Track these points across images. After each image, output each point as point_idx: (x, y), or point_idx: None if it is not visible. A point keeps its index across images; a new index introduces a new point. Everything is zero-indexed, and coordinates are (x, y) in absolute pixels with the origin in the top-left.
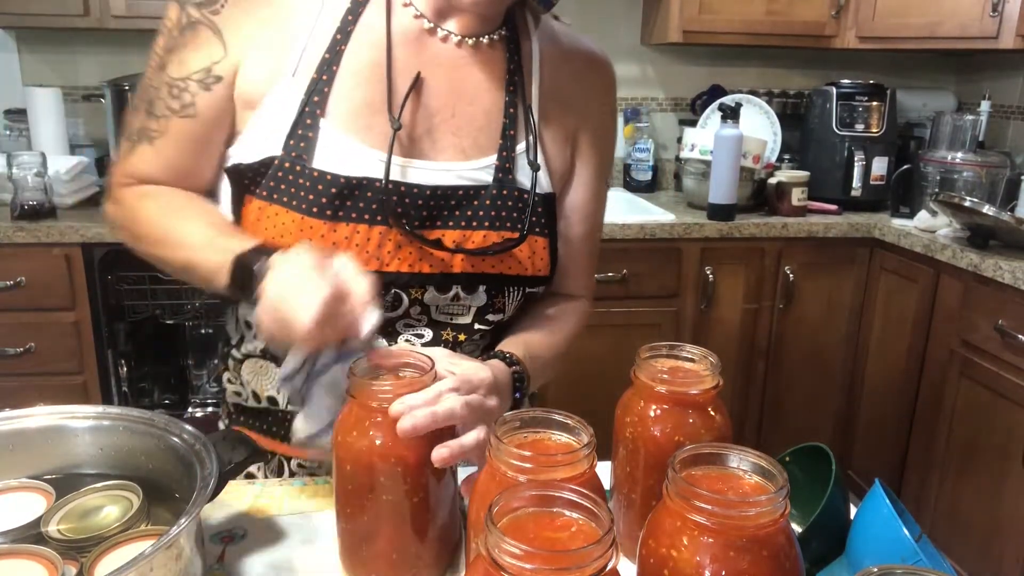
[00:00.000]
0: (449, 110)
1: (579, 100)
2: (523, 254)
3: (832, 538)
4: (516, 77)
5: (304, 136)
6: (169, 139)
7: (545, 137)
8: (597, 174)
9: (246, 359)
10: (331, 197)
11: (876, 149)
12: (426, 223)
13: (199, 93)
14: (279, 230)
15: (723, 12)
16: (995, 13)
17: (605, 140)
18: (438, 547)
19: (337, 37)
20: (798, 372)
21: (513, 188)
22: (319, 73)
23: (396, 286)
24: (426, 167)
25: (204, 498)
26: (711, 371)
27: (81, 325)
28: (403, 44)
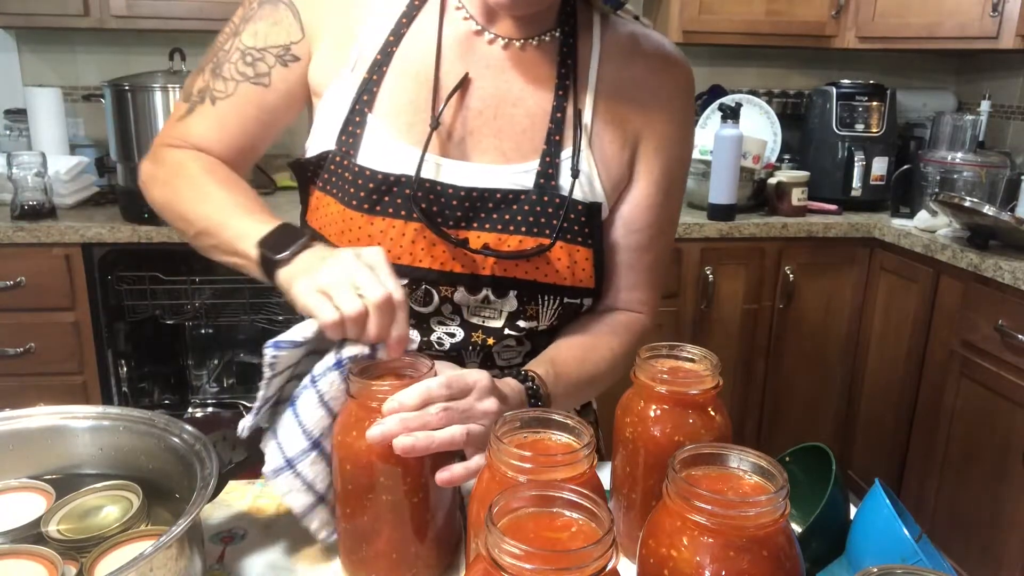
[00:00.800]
0: (492, 112)
1: (644, 103)
2: (560, 263)
3: (832, 538)
4: (568, 80)
5: (353, 132)
6: (235, 101)
7: (600, 142)
8: (659, 182)
9: None
10: (369, 192)
11: (876, 149)
12: (460, 223)
13: (276, 66)
14: (328, 219)
15: (723, 12)
16: (995, 13)
17: (672, 147)
18: (438, 547)
19: (390, 39)
20: (798, 372)
21: (555, 195)
22: (370, 73)
23: (426, 282)
24: (464, 168)
25: (204, 498)
26: (711, 371)
27: (81, 325)
28: (453, 47)
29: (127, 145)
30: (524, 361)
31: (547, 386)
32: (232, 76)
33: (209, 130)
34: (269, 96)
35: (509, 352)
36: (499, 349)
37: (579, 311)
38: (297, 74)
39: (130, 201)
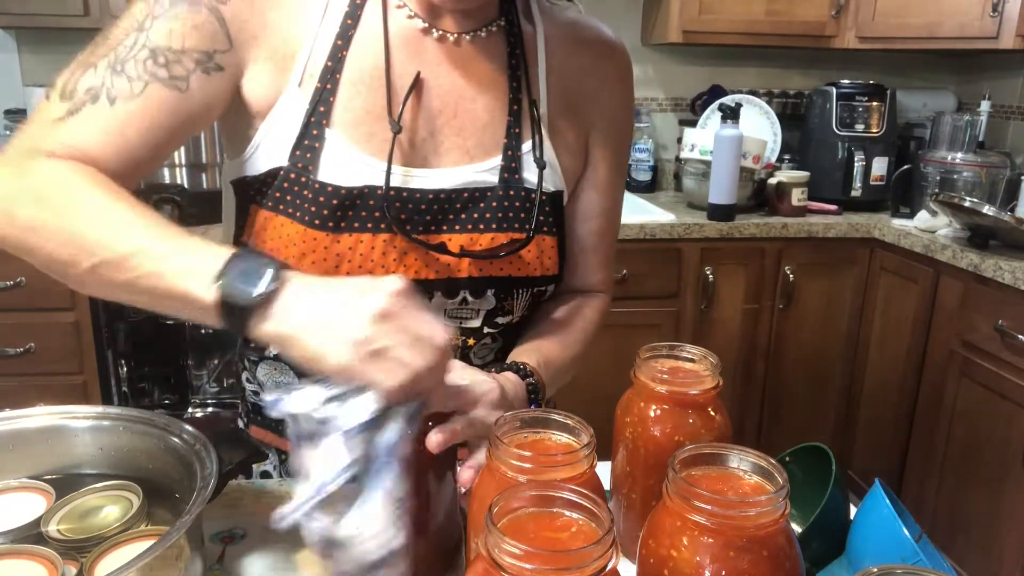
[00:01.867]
0: (451, 110)
1: (592, 90)
2: (531, 255)
3: (832, 538)
4: (519, 71)
5: (310, 147)
6: (140, 104)
7: (555, 131)
8: (613, 167)
9: (262, 360)
10: (332, 209)
11: (876, 149)
12: (431, 228)
13: (196, 72)
14: (283, 241)
15: (723, 12)
16: (995, 13)
17: (620, 131)
18: (437, 547)
19: (338, 43)
20: (798, 372)
21: (520, 188)
22: (323, 82)
23: None
24: (429, 172)
25: (204, 498)
26: (711, 371)
27: (81, 325)
28: (402, 47)
29: None
30: (496, 357)
31: (541, 377)
32: (139, 75)
33: (101, 135)
34: (184, 103)
35: (483, 350)
36: (476, 348)
37: (543, 297)
38: (218, 86)
39: None
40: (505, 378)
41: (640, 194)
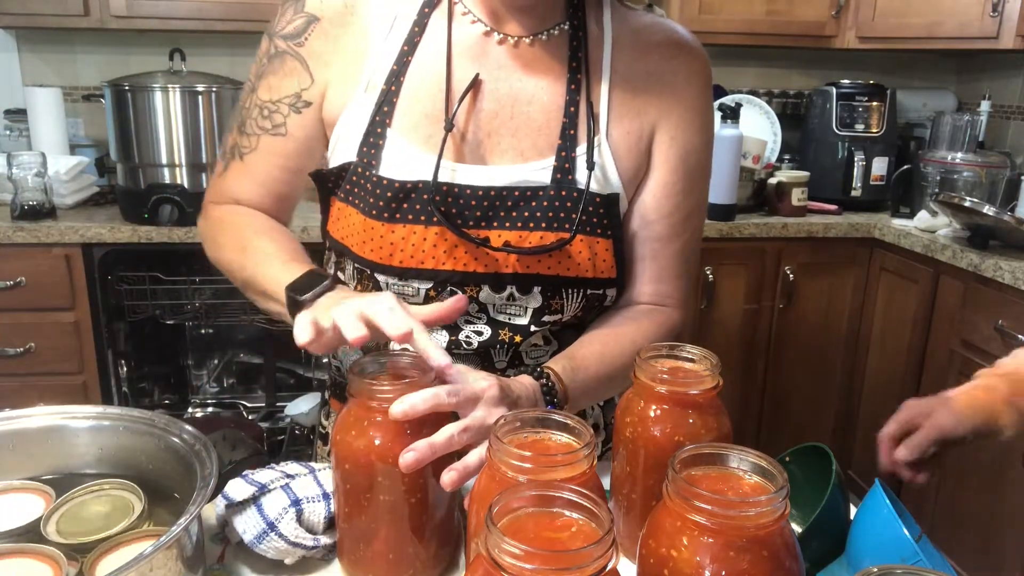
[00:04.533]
0: (508, 112)
1: (658, 92)
2: (582, 256)
3: (832, 538)
4: (579, 74)
5: (374, 144)
6: (260, 155)
7: (615, 132)
8: (678, 170)
9: None
10: (388, 200)
11: (876, 149)
12: (481, 223)
13: (290, 115)
14: (351, 229)
15: (723, 12)
16: (995, 13)
17: (690, 135)
18: (436, 547)
19: (404, 49)
20: (798, 372)
21: (572, 189)
22: (388, 84)
23: (451, 284)
24: (481, 169)
25: (204, 498)
26: (711, 371)
27: (81, 325)
28: (464, 51)
29: (127, 145)
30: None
31: (563, 382)
32: (254, 131)
33: (243, 184)
34: (289, 144)
35: (537, 351)
36: (526, 348)
37: (602, 302)
38: (312, 118)
39: (130, 201)
40: (514, 380)
41: None
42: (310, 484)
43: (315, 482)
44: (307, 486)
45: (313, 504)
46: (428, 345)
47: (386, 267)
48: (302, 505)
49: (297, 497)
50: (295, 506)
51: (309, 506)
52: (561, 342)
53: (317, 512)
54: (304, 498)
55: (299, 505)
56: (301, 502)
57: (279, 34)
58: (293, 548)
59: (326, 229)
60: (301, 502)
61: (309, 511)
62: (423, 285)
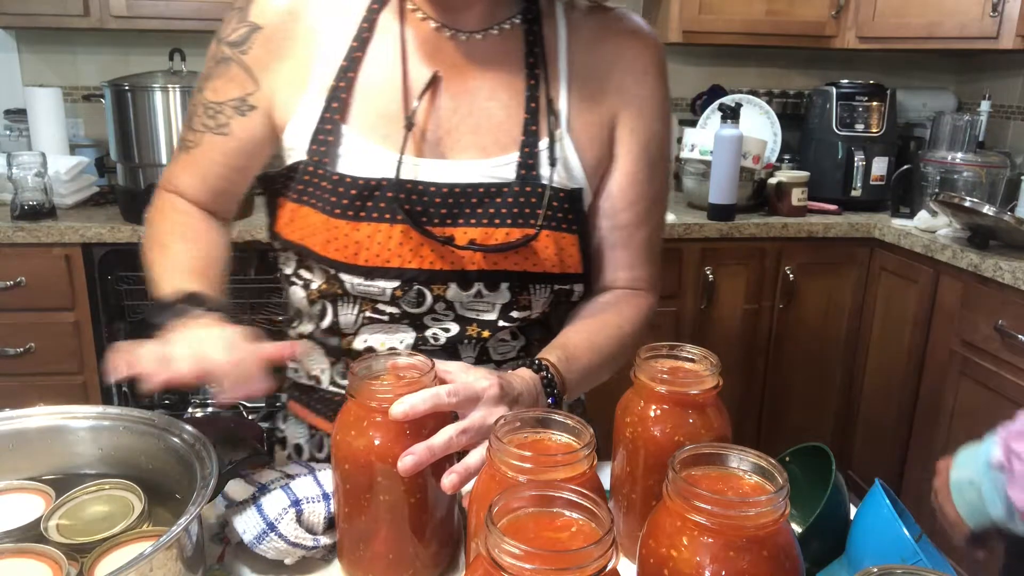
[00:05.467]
0: (467, 109)
1: (617, 82)
2: (548, 251)
3: (832, 538)
4: (537, 69)
5: (325, 141)
6: (203, 151)
7: (576, 126)
8: (641, 159)
9: (299, 339)
10: (351, 198)
11: (876, 149)
12: (446, 220)
13: (234, 117)
14: (310, 229)
15: (723, 12)
16: (995, 13)
17: (650, 122)
18: (436, 547)
19: (354, 45)
20: (798, 372)
21: (536, 184)
22: (337, 81)
23: (418, 282)
24: (444, 166)
25: (204, 498)
26: (711, 371)
27: (81, 325)
28: (418, 49)
29: (127, 145)
30: (518, 355)
31: (561, 373)
32: (199, 128)
33: (187, 175)
34: (231, 144)
35: (504, 347)
36: (494, 343)
37: (570, 297)
38: (258, 122)
39: (130, 201)
40: (514, 374)
41: None
42: (310, 484)
43: (315, 482)
44: (307, 486)
45: (313, 504)
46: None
47: (352, 266)
48: (302, 505)
49: (297, 497)
50: (295, 506)
51: (309, 506)
52: (528, 337)
53: (317, 512)
54: (304, 498)
55: (299, 505)
56: (301, 502)
57: (225, 40)
58: (293, 548)
59: (275, 231)
60: (301, 502)
61: (309, 511)
62: (389, 284)
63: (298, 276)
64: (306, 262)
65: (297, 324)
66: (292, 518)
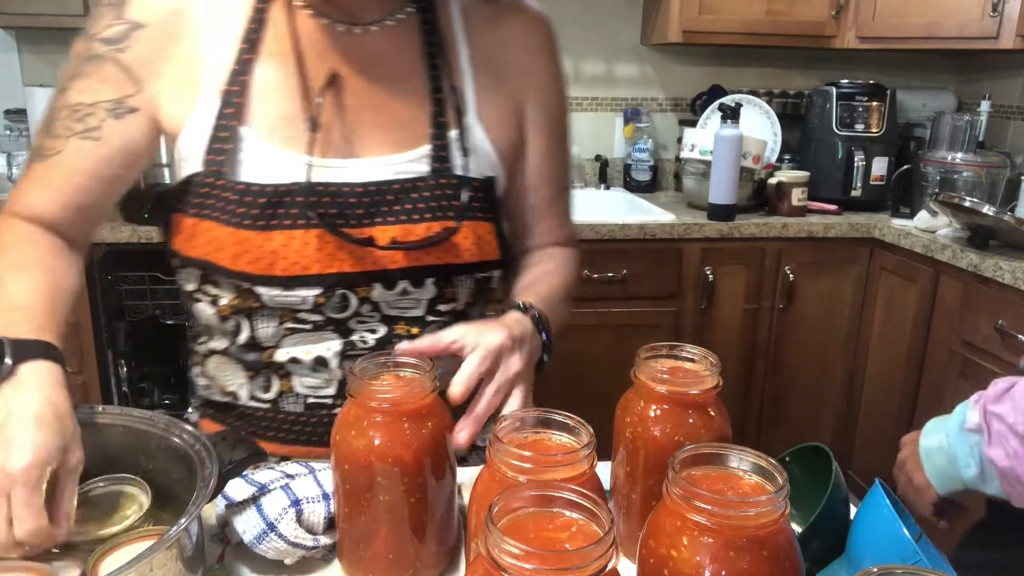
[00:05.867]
0: (371, 105)
1: (517, 61)
2: (468, 242)
3: (832, 538)
4: (438, 59)
5: (223, 150)
6: (66, 158)
7: (484, 111)
8: (552, 135)
9: (211, 355)
10: (261, 207)
11: (876, 149)
12: (364, 221)
13: (108, 120)
14: (215, 244)
15: (723, 12)
16: (995, 13)
17: (553, 97)
18: (436, 547)
19: (243, 47)
20: (798, 372)
21: (451, 176)
22: (230, 86)
23: (341, 287)
24: (356, 164)
25: (204, 498)
26: (711, 371)
27: (81, 325)
28: (312, 46)
29: None
30: None
31: (543, 311)
32: (62, 133)
33: (43, 191)
34: (102, 150)
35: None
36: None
37: (489, 284)
38: (136, 127)
39: (130, 201)
40: (509, 318)
41: (640, 194)
42: (310, 484)
43: (315, 482)
44: (307, 486)
45: (313, 504)
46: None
47: (268, 278)
48: (302, 505)
49: (297, 497)
50: (295, 506)
51: (309, 506)
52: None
53: (317, 512)
54: (304, 498)
55: (299, 505)
56: (301, 502)
57: (97, 37)
58: (293, 548)
59: (174, 250)
60: (301, 502)
61: (309, 511)
62: (310, 293)
63: (203, 292)
64: (212, 278)
65: (206, 340)
66: (292, 518)
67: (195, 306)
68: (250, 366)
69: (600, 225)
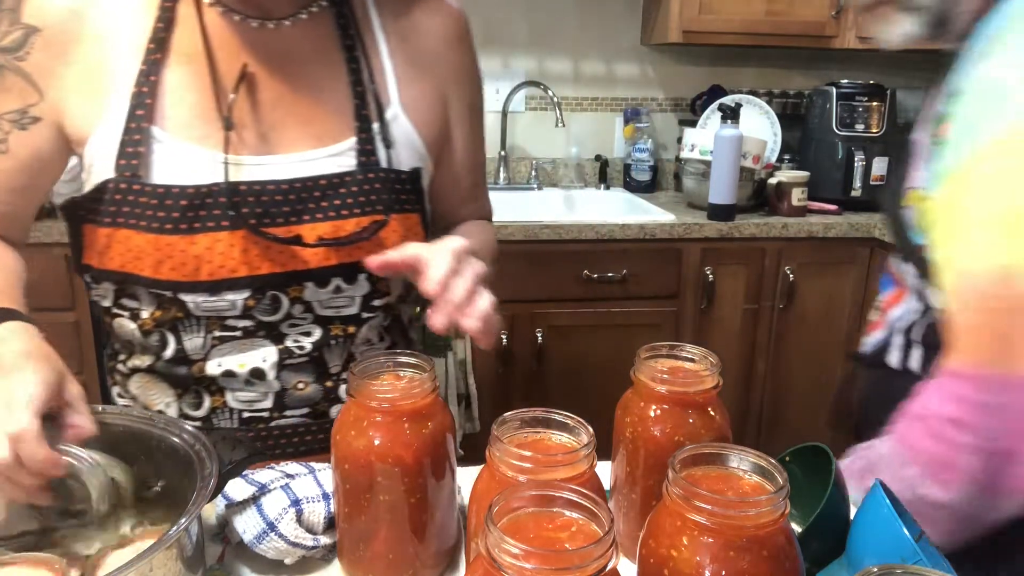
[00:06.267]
0: (291, 100)
1: (434, 49)
2: (398, 234)
3: (832, 538)
4: (356, 51)
5: (136, 153)
6: None
7: (408, 101)
8: (470, 125)
9: (133, 373)
10: (182, 210)
11: (876, 149)
12: (291, 219)
13: (12, 131)
14: (134, 252)
15: (723, 12)
16: None
17: (468, 87)
18: (436, 547)
19: (151, 47)
20: (798, 372)
21: (379, 170)
22: (139, 86)
23: (271, 288)
24: (277, 161)
25: (204, 498)
26: (711, 371)
27: (81, 325)
28: (225, 43)
29: None
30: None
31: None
32: None
33: None
34: (7, 163)
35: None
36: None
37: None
38: (43, 136)
39: None
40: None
41: (640, 194)
42: (310, 484)
43: (315, 482)
44: (307, 486)
45: (313, 504)
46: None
47: (193, 284)
48: (302, 505)
49: (297, 497)
50: (295, 506)
51: (309, 506)
52: (392, 337)
53: (317, 512)
54: (304, 498)
55: (299, 505)
56: (301, 502)
57: None
58: (293, 548)
59: (84, 263)
60: (301, 502)
61: (309, 511)
62: (239, 296)
63: (122, 307)
64: (131, 290)
65: (127, 357)
66: (292, 518)
67: (114, 322)
68: (178, 382)
69: (600, 225)
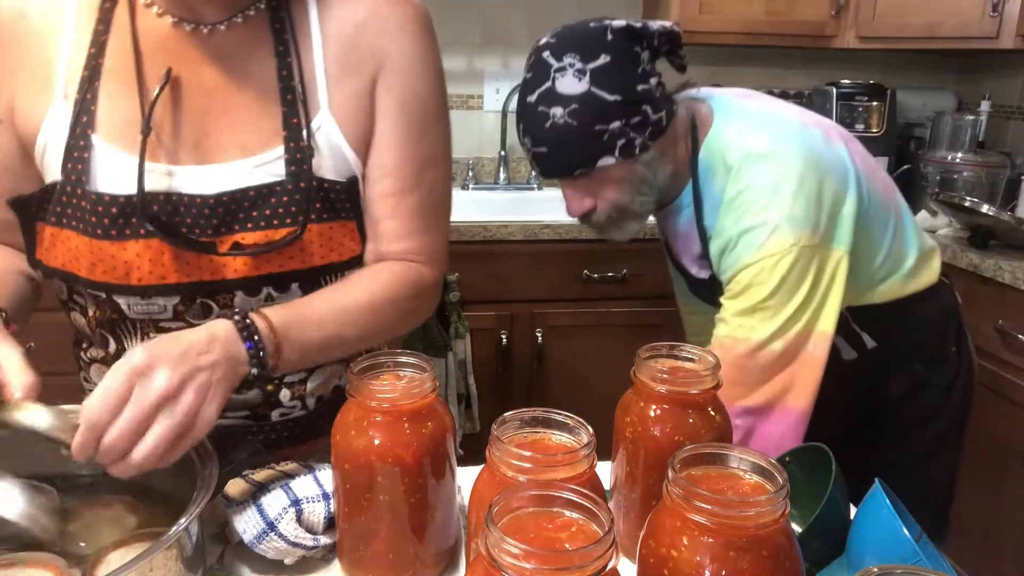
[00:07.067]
0: (220, 107)
1: (373, 44)
2: (333, 241)
3: (832, 538)
4: (288, 57)
5: (80, 158)
6: None
7: (337, 100)
8: (400, 118)
9: (93, 363)
10: (113, 217)
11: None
12: (220, 229)
13: None
14: (73, 253)
15: (723, 12)
16: (995, 13)
17: (407, 79)
18: (436, 547)
19: (92, 51)
20: None
21: (310, 179)
22: (82, 92)
23: (201, 295)
24: (206, 172)
25: (204, 498)
26: (711, 371)
27: None
28: (158, 47)
29: None
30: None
31: (269, 319)
32: None
33: None
34: None
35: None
36: None
37: None
38: (4, 137)
39: None
40: (209, 324)
41: None
42: (310, 484)
43: (315, 482)
44: (307, 486)
45: (313, 504)
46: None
47: (124, 288)
48: (302, 505)
49: (297, 497)
50: (295, 506)
51: (309, 506)
52: None
53: (317, 512)
54: (304, 498)
55: (299, 505)
56: (301, 502)
57: None
58: (293, 548)
59: (36, 259)
60: (301, 502)
61: (309, 511)
62: (169, 301)
63: (74, 302)
64: (76, 288)
65: (87, 347)
66: (292, 518)
67: (71, 315)
68: None
69: None
